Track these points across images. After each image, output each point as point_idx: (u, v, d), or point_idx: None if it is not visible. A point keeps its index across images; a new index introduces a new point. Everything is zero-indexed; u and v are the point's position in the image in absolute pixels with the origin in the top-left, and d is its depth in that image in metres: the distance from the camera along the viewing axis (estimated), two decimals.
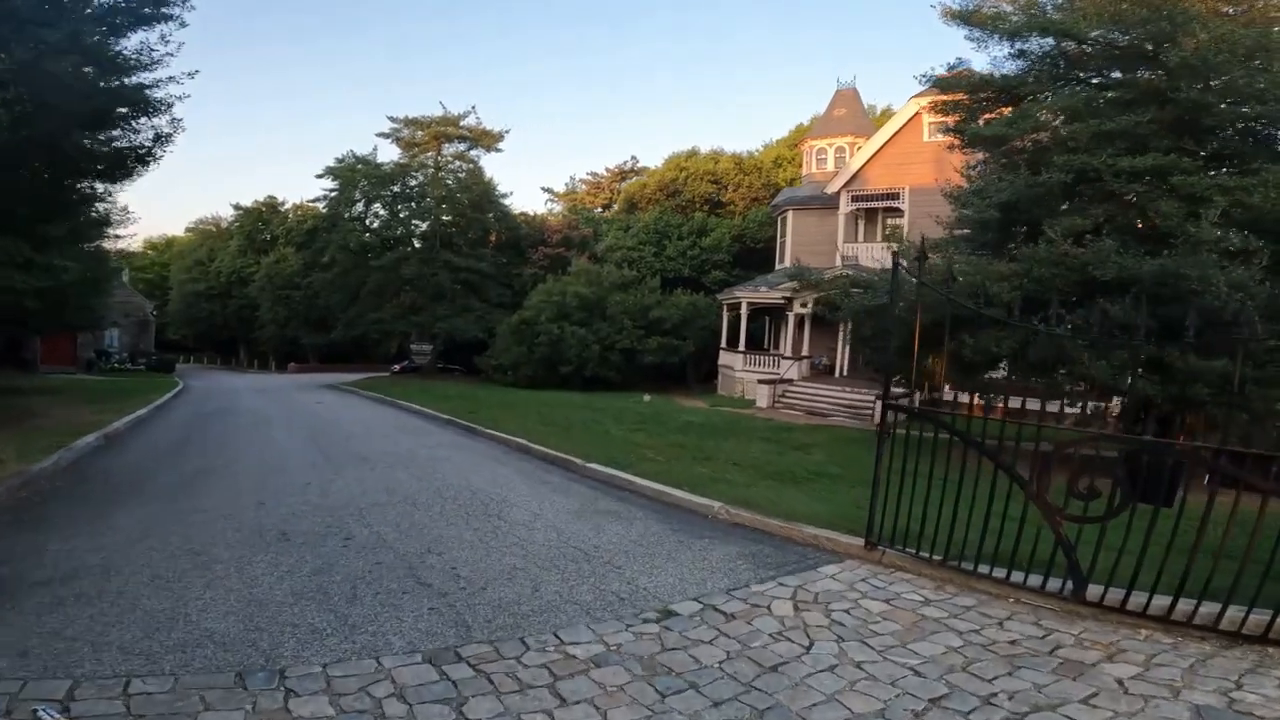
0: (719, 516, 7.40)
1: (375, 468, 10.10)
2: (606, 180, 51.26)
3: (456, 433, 14.82)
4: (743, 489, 8.73)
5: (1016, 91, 12.48)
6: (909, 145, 21.71)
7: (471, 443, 13.23)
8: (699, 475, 9.72)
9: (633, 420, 16.72)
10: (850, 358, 23.57)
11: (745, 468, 10.79)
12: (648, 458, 11.22)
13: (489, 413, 17.65)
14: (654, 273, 31.22)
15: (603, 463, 10.33)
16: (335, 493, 8.27)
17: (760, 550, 6.24)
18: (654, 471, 9.72)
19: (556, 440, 12.70)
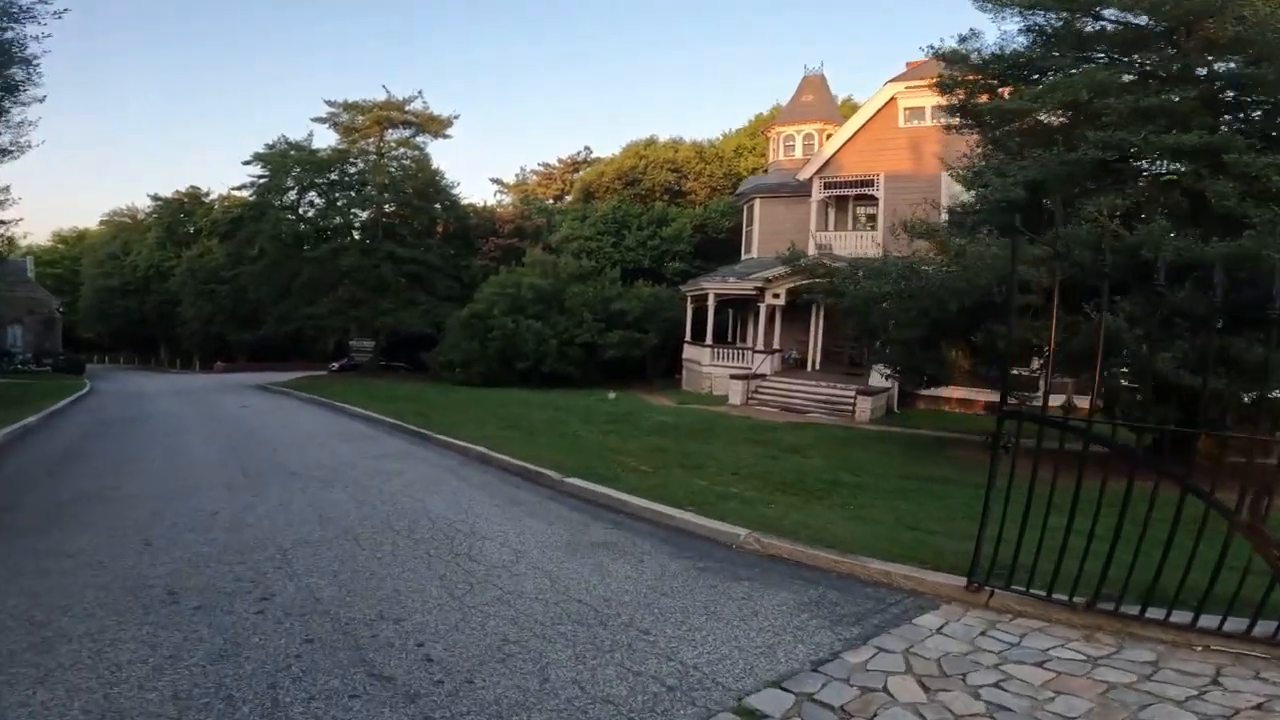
0: (747, 547, 6.01)
1: (307, 487, 8.33)
2: (559, 171, 49.40)
3: (405, 439, 13.02)
4: (759, 507, 7.37)
5: (1027, 69, 11.50)
6: (883, 131, 20.86)
7: (423, 451, 11.50)
8: (698, 489, 8.32)
9: (602, 420, 15.22)
10: (823, 351, 22.64)
11: (746, 477, 9.45)
12: (631, 467, 9.76)
13: (441, 414, 15.86)
14: (613, 264, 29.70)
15: (582, 475, 8.83)
16: (252, 525, 6.53)
17: (822, 595, 4.86)
18: (646, 486, 8.28)
19: (522, 446, 11.12)
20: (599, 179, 34.92)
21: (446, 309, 31.63)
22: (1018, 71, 11.59)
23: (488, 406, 18.03)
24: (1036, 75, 11.65)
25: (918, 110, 20.39)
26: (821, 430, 15.40)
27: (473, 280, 34.16)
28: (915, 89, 20.22)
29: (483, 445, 11.15)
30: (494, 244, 35.24)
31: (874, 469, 10.45)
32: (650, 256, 30.89)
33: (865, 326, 11.55)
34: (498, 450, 10.69)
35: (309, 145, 34.60)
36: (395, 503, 7.53)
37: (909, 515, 7.26)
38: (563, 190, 48.52)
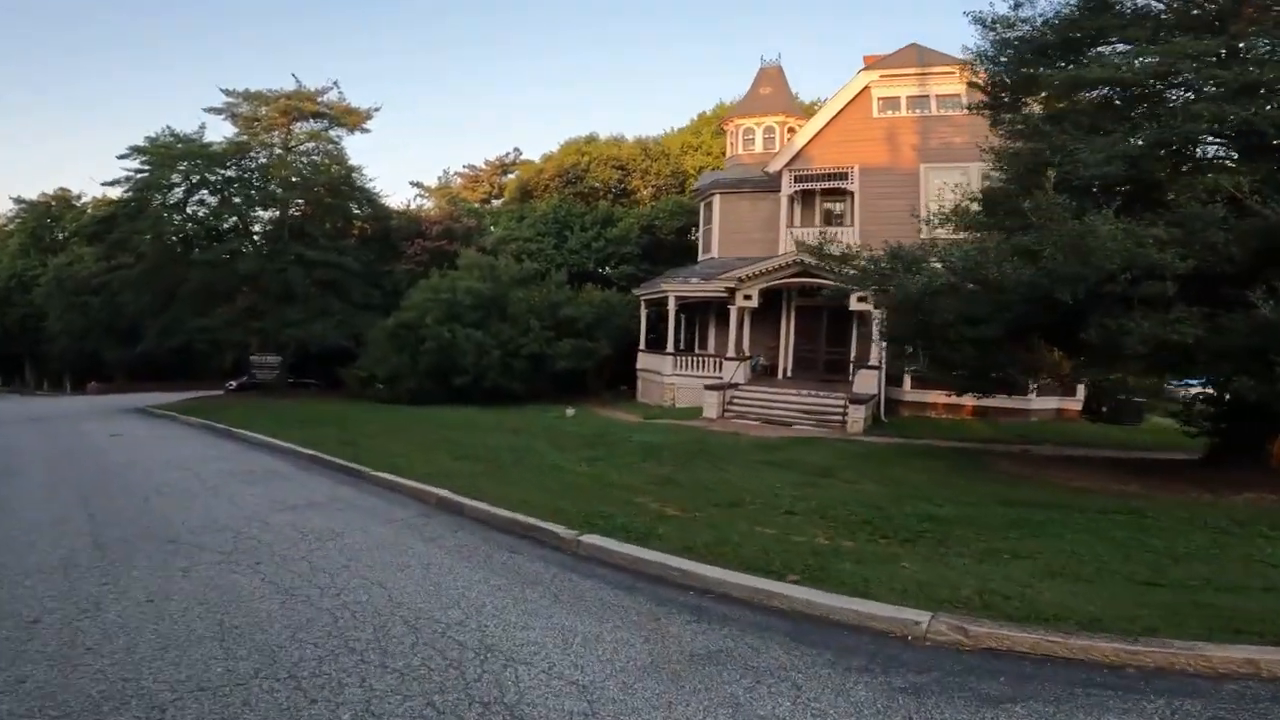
0: (940, 638, 3.86)
1: (195, 565, 5.59)
2: (486, 173, 46.32)
3: (332, 478, 10.15)
4: (886, 565, 5.27)
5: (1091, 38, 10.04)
6: (856, 122, 19.53)
7: (362, 497, 8.73)
8: (770, 541, 6.15)
9: (576, 445, 12.77)
10: (794, 357, 20.97)
11: (806, 515, 7.35)
12: (653, 510, 7.47)
13: (374, 442, 12.96)
14: (556, 266, 27.22)
15: (600, 529, 6.47)
16: (96, 650, 3.87)
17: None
18: (700, 543, 6.02)
19: (495, 486, 8.60)
20: (538, 177, 32.35)
21: (366, 319, 28.16)
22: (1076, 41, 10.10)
23: (429, 429, 15.18)
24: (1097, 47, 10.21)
25: (892, 100, 19.17)
26: (830, 446, 13.53)
27: (396, 287, 30.82)
28: (890, 78, 19.01)
29: (445, 487, 8.51)
30: (420, 247, 31.96)
31: (943, 493, 8.56)
32: (595, 259, 28.61)
33: (921, 326, 9.73)
34: (468, 493, 8.11)
35: (200, 138, 30.32)
36: (343, 592, 4.91)
37: (1105, 563, 5.33)
38: (491, 193, 45.51)
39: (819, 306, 20.36)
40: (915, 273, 9.76)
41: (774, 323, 21.17)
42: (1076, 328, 8.15)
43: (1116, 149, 8.40)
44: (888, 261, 10.59)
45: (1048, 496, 8.29)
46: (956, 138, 18.53)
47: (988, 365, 9.71)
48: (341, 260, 29.85)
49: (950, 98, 18.54)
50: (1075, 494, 8.61)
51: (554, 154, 32.73)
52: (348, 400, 25.19)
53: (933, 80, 18.49)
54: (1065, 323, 8.38)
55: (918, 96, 18.83)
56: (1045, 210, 7.84)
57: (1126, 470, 10.85)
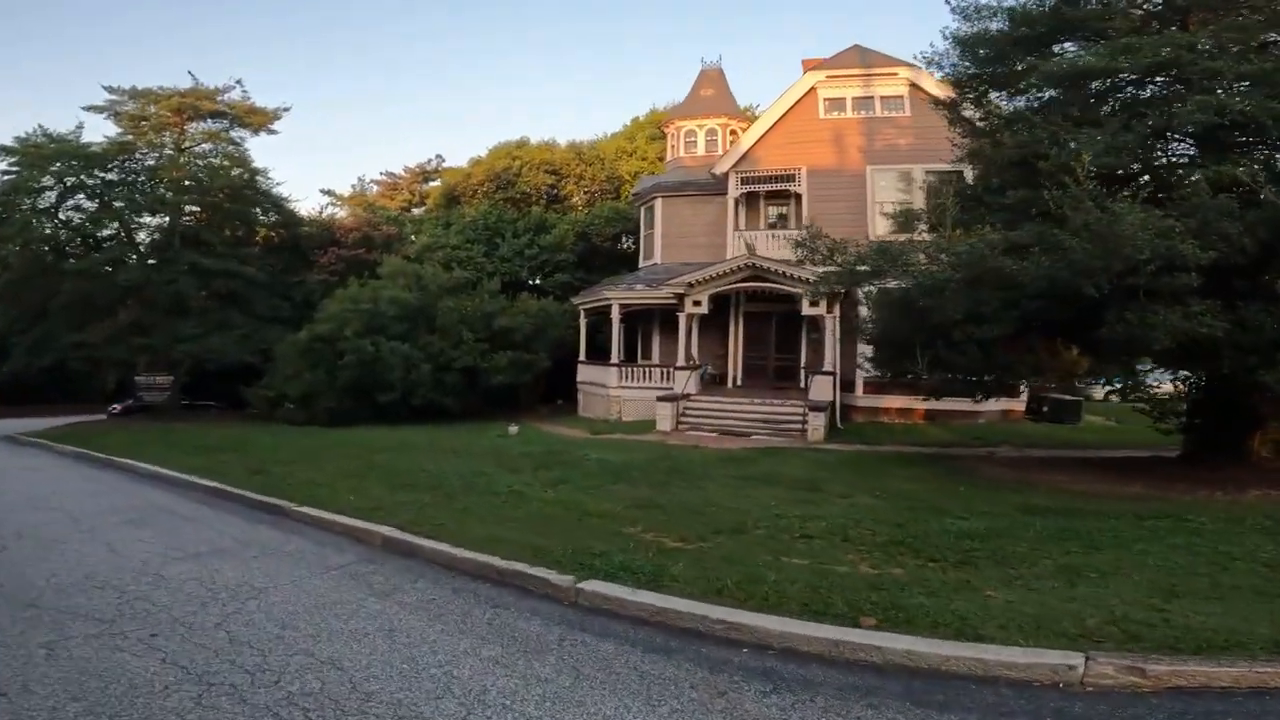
0: (1109, 682, 3.05)
1: (62, 642, 4.14)
2: (406, 181, 43.95)
3: (243, 515, 8.49)
4: (965, 595, 4.41)
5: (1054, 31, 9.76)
6: (803, 124, 19.19)
7: (285, 539, 7.19)
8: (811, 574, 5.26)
9: (528, 466, 11.48)
10: (744, 365, 20.31)
11: (824, 538, 6.46)
12: (648, 542, 6.47)
13: (290, 470, 11.25)
14: (487, 275, 25.62)
15: (599, 572, 5.41)
16: None
17: None
18: (733, 583, 5.04)
19: (448, 519, 7.33)
20: (466, 182, 30.62)
21: (274, 333, 25.68)
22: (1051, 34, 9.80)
23: (355, 454, 13.48)
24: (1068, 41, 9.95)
25: (838, 101, 18.95)
26: (799, 456, 12.80)
27: (308, 298, 28.43)
28: (836, 79, 18.80)
29: (390, 523, 7.11)
30: (335, 255, 29.59)
31: (952, 504, 7.88)
32: (529, 267, 27.21)
33: (921, 326, 9.03)
34: (420, 531, 6.76)
35: (78, 138, 27.02)
36: (283, 678, 3.57)
37: (1202, 575, 4.65)
38: (411, 201, 43.22)
39: (768, 312, 19.85)
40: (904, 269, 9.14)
41: (721, 330, 20.48)
42: (1092, 323, 7.70)
43: (1118, 140, 8.05)
44: (875, 258, 9.93)
45: (1065, 503, 7.74)
46: (900, 139, 18.50)
47: (993, 366, 9.20)
48: (243, 270, 27.22)
49: (894, 99, 18.53)
50: (1089, 499, 8.13)
51: (483, 159, 31.13)
52: (253, 422, 22.67)
53: (877, 81, 18.41)
54: (1079, 319, 7.93)
55: (863, 98, 18.69)
56: (1073, 199, 7.32)
57: (1111, 470, 10.61)
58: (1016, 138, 9.47)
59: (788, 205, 20.55)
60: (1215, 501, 7.83)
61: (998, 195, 9.81)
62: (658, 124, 31.91)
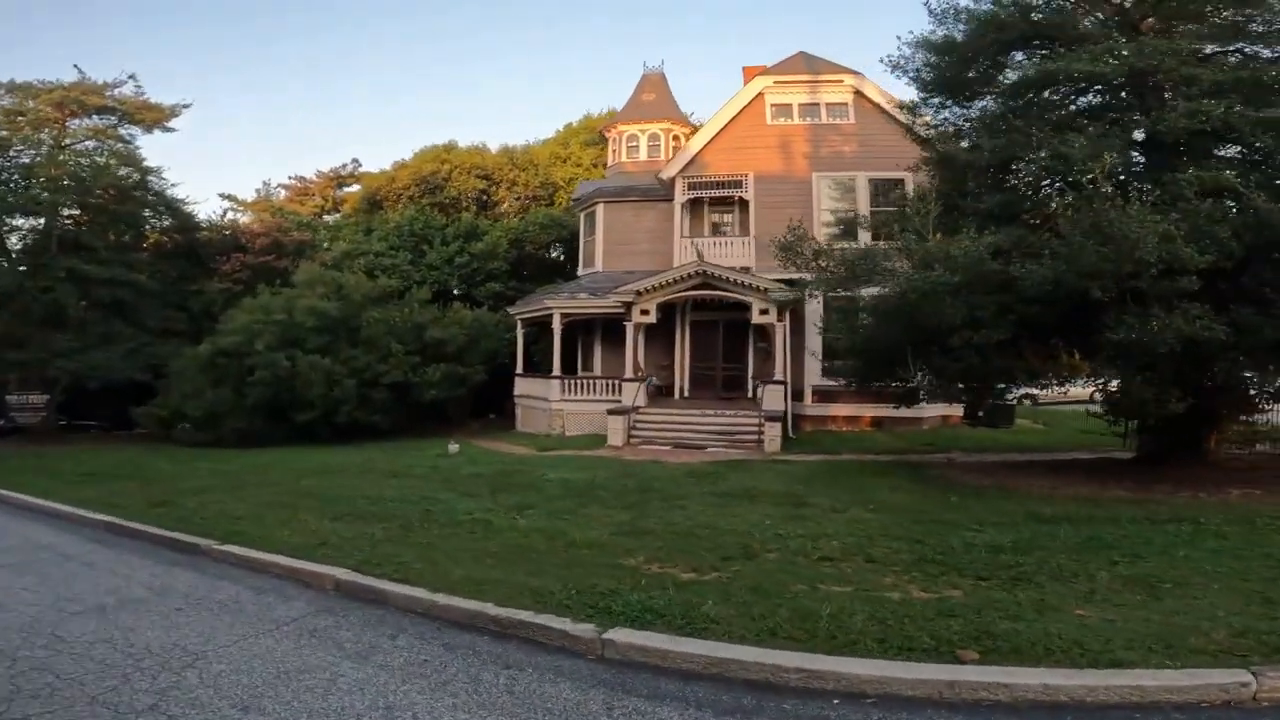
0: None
1: None
2: (318, 185, 41.28)
3: (151, 556, 7.12)
4: (1053, 617, 3.97)
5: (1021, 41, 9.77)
6: (750, 129, 18.98)
7: (207, 585, 5.95)
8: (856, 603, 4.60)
9: (483, 488, 10.46)
10: (691, 375, 19.79)
11: (850, 560, 5.96)
12: (655, 575, 5.75)
13: (202, 501, 9.76)
14: (414, 284, 24.07)
15: (623, 616, 4.57)
16: None
17: None
18: (783, 621, 4.43)
19: (413, 556, 6.35)
20: (389, 185, 28.83)
21: (168, 347, 23.20)
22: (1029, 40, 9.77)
23: (277, 479, 11.98)
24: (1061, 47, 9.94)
25: (785, 108, 18.89)
26: (767, 468, 12.30)
27: (208, 309, 25.96)
28: (784, 84, 18.74)
29: (343, 564, 6.00)
30: (239, 262, 27.12)
31: (954, 515, 7.54)
32: (459, 276, 25.81)
33: (919, 331, 8.61)
34: (384, 572, 5.72)
35: None
36: None
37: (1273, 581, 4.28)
38: (324, 207, 40.65)
39: (714, 321, 19.47)
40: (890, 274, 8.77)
41: (666, 340, 19.91)
42: (1087, 328, 7.55)
43: (1100, 145, 7.98)
44: (862, 263, 9.52)
45: (1067, 510, 7.49)
46: (845, 146, 18.62)
47: (989, 371, 8.95)
48: (132, 277, 24.46)
49: (839, 106, 18.64)
50: (1084, 504, 7.95)
51: (408, 162, 29.43)
52: (147, 445, 20.18)
53: (823, 88, 18.48)
54: (1074, 323, 7.78)
55: (809, 104, 18.71)
56: (1084, 199, 7.13)
57: (1078, 473, 10.64)
58: (994, 141, 9.36)
59: (732, 212, 20.32)
60: (1206, 503, 7.82)
61: (973, 200, 9.68)
62: (594, 129, 31.28)
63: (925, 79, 11.17)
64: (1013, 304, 7.79)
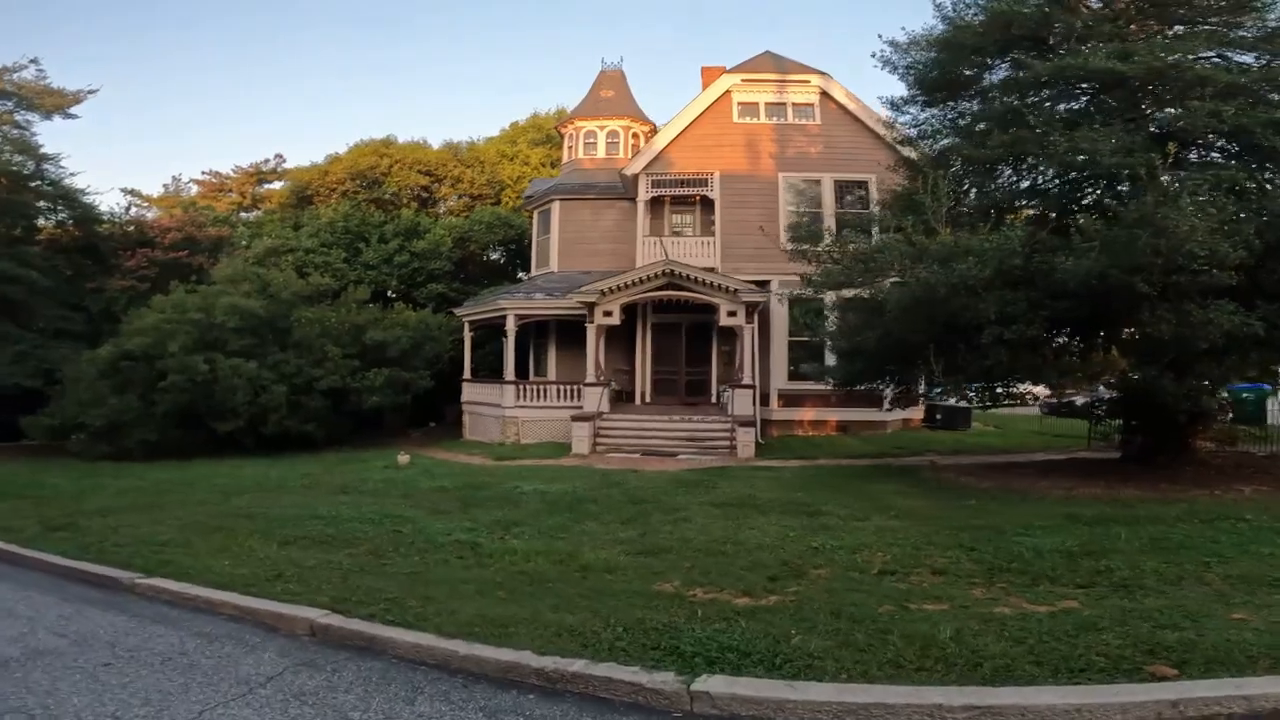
0: None
1: None
2: (236, 181, 38.21)
3: (58, 593, 5.76)
4: (1223, 623, 3.23)
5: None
6: (717, 127, 18.43)
7: (143, 632, 4.72)
8: (972, 621, 3.91)
9: (451, 505, 9.36)
10: (653, 380, 19.00)
11: (914, 570, 5.27)
12: (705, 601, 5.03)
13: (114, 523, 8.26)
14: (351, 284, 22.30)
15: (700, 657, 3.81)
16: None
17: None
18: (912, 656, 3.64)
19: (395, 588, 5.38)
20: (322, 179, 26.81)
21: (62, 350, 20.66)
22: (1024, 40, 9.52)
23: (204, 497, 10.44)
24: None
25: (751, 106, 18.48)
26: (753, 475, 11.65)
27: (109, 308, 23.49)
28: (751, 83, 18.36)
29: (316, 603, 4.88)
30: (146, 258, 24.58)
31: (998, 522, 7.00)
32: (399, 276, 24.20)
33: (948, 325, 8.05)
34: (367, 613, 4.62)
35: None
36: None
37: None
38: (242, 204, 37.77)
39: (677, 323, 18.81)
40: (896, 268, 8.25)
41: (626, 343, 19.07)
42: (1119, 323, 7.25)
43: (1123, 141, 7.74)
44: (884, 255, 8.92)
45: (1102, 511, 7.22)
46: (811, 147, 18.38)
47: (1017, 368, 8.52)
48: (23, 273, 21.74)
49: (805, 107, 18.40)
50: (1111, 504, 7.72)
51: (342, 156, 27.48)
52: (38, 459, 17.68)
53: (790, 88, 18.21)
54: (1108, 318, 7.46)
55: (775, 104, 18.39)
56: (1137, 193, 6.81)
57: (1075, 473, 10.48)
58: (1004, 135, 9.02)
59: (693, 213, 19.75)
60: (1228, 500, 7.69)
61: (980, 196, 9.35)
62: (542, 128, 30.23)
63: (920, 76, 10.85)
64: (1041, 299, 7.44)
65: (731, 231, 18.07)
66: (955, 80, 10.43)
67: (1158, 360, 7.60)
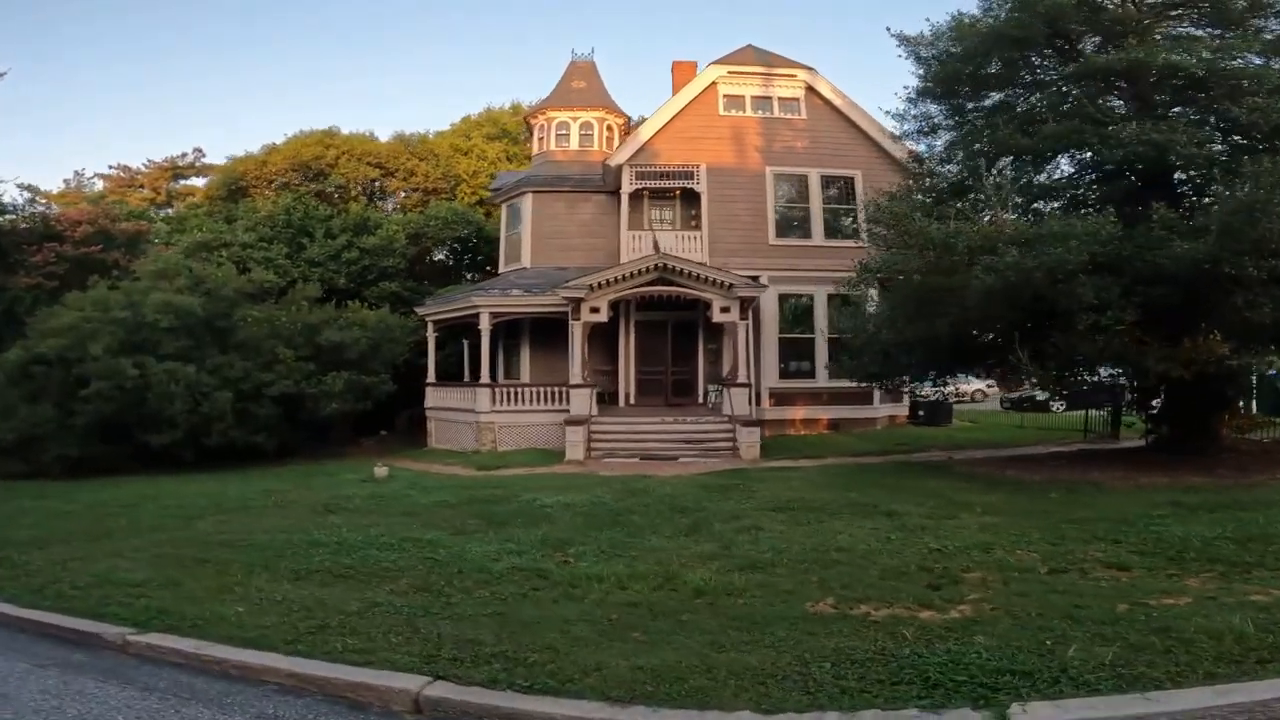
0: None
1: None
2: (148, 176, 34.95)
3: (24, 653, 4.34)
4: None
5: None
6: (703, 119, 17.68)
7: (160, 712, 3.43)
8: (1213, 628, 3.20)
9: (473, 524, 8.22)
10: (637, 381, 18.05)
11: (1101, 569, 4.55)
12: (892, 618, 4.05)
13: (61, 557, 6.83)
14: (296, 281, 20.35)
15: (1014, 692, 2.83)
16: None
17: None
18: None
19: (487, 634, 4.45)
20: (260, 170, 24.53)
21: None
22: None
23: (153, 521, 8.94)
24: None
25: (737, 99, 17.90)
26: (778, 478, 10.93)
27: (10, 309, 20.73)
28: (737, 75, 17.82)
29: (404, 670, 3.77)
30: (55, 253, 21.85)
31: (1111, 513, 6.49)
32: (347, 274, 22.35)
33: (1036, 311, 7.50)
34: (486, 675, 3.57)
35: None
36: None
37: None
38: (155, 200, 34.54)
39: (663, 321, 17.98)
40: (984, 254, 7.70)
41: (607, 342, 18.08)
42: (1217, 308, 6.93)
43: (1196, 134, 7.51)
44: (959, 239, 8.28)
45: (1205, 499, 6.90)
46: (797, 142, 17.98)
47: (1109, 354, 8.08)
48: None
49: (791, 101, 17.99)
50: (1192, 491, 7.43)
51: (280, 146, 25.25)
52: None
53: (776, 81, 17.75)
54: (1205, 303, 7.14)
55: (761, 97, 17.89)
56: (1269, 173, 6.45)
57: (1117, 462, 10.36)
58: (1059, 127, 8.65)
59: (673, 206, 18.95)
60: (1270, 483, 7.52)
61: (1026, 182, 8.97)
62: (497, 122, 28.89)
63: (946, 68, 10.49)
64: (1132, 285, 7.07)
65: (719, 225, 17.43)
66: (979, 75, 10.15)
67: (1254, 344, 7.37)
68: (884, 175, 17.61)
